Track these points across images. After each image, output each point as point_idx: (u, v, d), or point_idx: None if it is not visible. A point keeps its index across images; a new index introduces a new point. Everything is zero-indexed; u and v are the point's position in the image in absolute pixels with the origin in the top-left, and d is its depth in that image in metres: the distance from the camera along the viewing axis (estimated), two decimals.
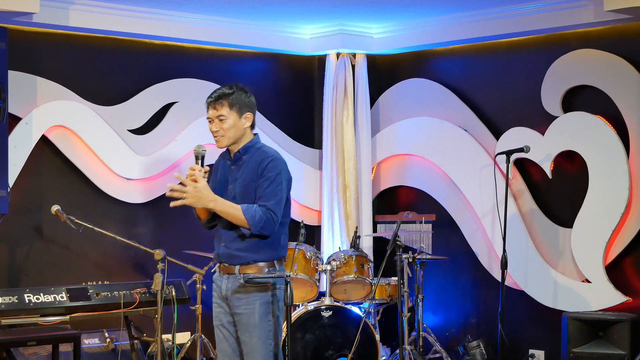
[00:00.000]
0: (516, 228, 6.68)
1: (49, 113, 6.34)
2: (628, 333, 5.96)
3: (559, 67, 6.51)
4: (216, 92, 4.39)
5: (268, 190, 4.28)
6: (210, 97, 4.39)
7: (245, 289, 4.26)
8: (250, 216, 4.22)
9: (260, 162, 4.33)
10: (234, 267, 4.29)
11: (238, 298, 4.28)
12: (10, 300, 5.29)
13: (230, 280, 4.31)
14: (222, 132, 4.36)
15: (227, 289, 4.32)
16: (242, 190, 4.31)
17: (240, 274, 4.28)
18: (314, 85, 7.73)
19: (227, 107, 4.36)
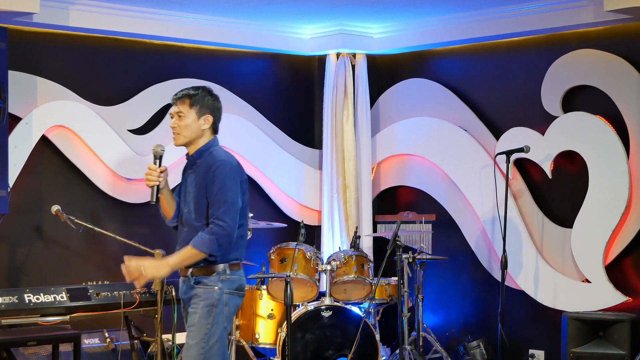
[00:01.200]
0: (516, 228, 6.68)
1: (49, 113, 6.34)
2: (628, 333, 5.96)
3: (559, 67, 6.51)
4: (182, 90, 4.36)
5: (217, 198, 4.18)
6: (175, 94, 4.35)
7: (195, 290, 4.24)
8: (202, 246, 4.14)
9: (209, 167, 4.23)
10: (187, 269, 4.26)
11: (189, 299, 4.28)
12: (10, 300, 5.29)
13: (185, 282, 4.30)
14: (178, 129, 4.31)
15: (183, 291, 4.32)
16: (195, 195, 4.27)
17: (192, 277, 4.24)
18: (314, 85, 7.73)
19: (187, 105, 4.29)
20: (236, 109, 7.26)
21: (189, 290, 4.27)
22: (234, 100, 7.26)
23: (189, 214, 4.28)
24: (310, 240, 7.21)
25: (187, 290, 4.28)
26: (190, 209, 4.28)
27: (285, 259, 6.34)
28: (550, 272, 6.54)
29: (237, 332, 6.42)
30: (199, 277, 4.23)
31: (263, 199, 7.43)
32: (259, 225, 6.56)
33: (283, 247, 6.41)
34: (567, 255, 6.50)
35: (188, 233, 4.26)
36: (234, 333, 6.36)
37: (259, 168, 7.35)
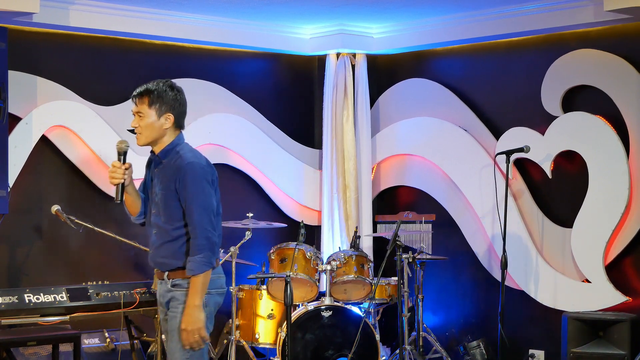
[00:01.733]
0: (516, 228, 6.68)
1: (49, 113, 6.34)
2: (628, 333, 5.96)
3: (559, 67, 6.51)
4: (141, 87, 4.12)
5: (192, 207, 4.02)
6: (134, 91, 4.13)
7: (173, 293, 4.10)
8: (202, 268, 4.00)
9: (177, 170, 4.06)
10: (163, 273, 4.14)
11: (167, 303, 4.15)
12: (10, 300, 5.29)
13: (163, 285, 4.16)
14: (139, 129, 4.11)
15: (161, 294, 4.18)
16: (163, 198, 4.10)
17: (169, 280, 4.11)
18: (314, 85, 7.73)
19: (147, 104, 4.07)
20: (236, 109, 7.26)
21: (166, 293, 4.14)
22: (234, 100, 7.25)
23: (157, 216, 4.13)
24: (310, 240, 7.21)
25: (165, 293, 4.15)
26: (158, 210, 4.13)
27: (285, 259, 6.34)
28: (550, 272, 6.54)
29: (237, 332, 6.42)
30: (176, 279, 4.10)
31: (263, 199, 7.43)
32: (259, 225, 6.56)
33: (283, 247, 6.41)
34: (567, 255, 6.50)
35: (159, 236, 4.13)
36: (233, 333, 6.36)
37: (259, 168, 7.35)
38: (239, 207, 7.06)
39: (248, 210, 6.72)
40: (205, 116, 7.08)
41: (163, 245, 4.12)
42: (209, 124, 7.09)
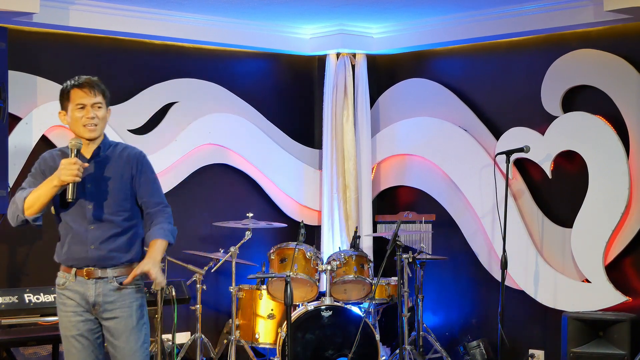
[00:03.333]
0: (516, 228, 6.68)
1: (49, 113, 6.33)
2: (628, 333, 5.96)
3: (559, 67, 6.51)
4: (88, 78, 4.06)
5: (155, 186, 4.10)
6: (82, 81, 4.05)
7: (120, 292, 3.99)
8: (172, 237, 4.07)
9: (130, 157, 4.06)
10: (105, 270, 3.99)
11: (112, 302, 3.99)
12: (10, 300, 5.29)
13: (100, 284, 3.98)
14: (96, 120, 3.99)
15: (97, 294, 3.97)
16: (112, 188, 4.00)
17: (113, 277, 3.98)
18: (314, 85, 7.73)
19: (102, 96, 4.05)
20: (236, 109, 7.26)
21: (110, 292, 3.99)
22: (234, 100, 7.26)
23: (97, 209, 3.98)
24: (310, 240, 7.21)
25: (108, 292, 3.99)
26: (99, 203, 3.99)
27: (285, 259, 6.34)
28: (550, 272, 6.54)
29: (237, 332, 6.42)
30: (123, 277, 4.00)
31: (263, 199, 7.43)
32: (259, 225, 6.57)
33: (283, 247, 6.41)
34: (567, 255, 6.50)
35: (104, 229, 3.98)
36: (233, 333, 6.36)
37: (259, 168, 7.35)
38: (239, 207, 7.07)
39: (248, 210, 6.72)
40: (205, 116, 7.08)
41: (111, 238, 4.00)
42: (209, 124, 7.09)
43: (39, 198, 3.93)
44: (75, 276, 4.01)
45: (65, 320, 4.03)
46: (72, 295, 4.01)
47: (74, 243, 4.03)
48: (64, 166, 3.86)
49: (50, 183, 3.90)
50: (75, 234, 4.02)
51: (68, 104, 4.05)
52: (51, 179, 3.90)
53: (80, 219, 4.01)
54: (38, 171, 4.07)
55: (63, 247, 4.08)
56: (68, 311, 4.01)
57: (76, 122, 4.02)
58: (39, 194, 3.92)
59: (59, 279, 4.08)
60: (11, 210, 4.02)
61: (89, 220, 4.00)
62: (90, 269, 4.00)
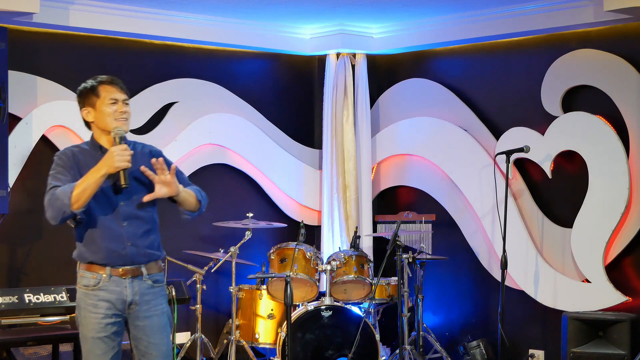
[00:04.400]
0: (516, 228, 6.68)
1: (49, 113, 6.34)
2: (628, 333, 5.96)
3: (559, 67, 6.51)
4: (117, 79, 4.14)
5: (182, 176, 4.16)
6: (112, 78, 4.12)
7: (154, 290, 4.00)
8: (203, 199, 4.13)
9: (154, 153, 4.10)
10: (140, 268, 3.97)
11: (147, 301, 3.99)
12: (10, 300, 5.29)
13: (136, 283, 3.96)
14: (127, 115, 4.03)
15: (134, 293, 3.95)
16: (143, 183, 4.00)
17: (147, 275, 3.98)
18: (314, 85, 7.73)
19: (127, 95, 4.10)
20: (236, 109, 7.26)
21: (145, 291, 3.98)
22: (234, 100, 7.26)
23: (128, 205, 3.97)
24: (310, 240, 7.21)
25: (144, 291, 3.98)
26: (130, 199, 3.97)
27: (285, 259, 6.34)
28: (550, 272, 6.54)
29: (237, 332, 6.42)
30: (155, 274, 4.03)
31: (263, 199, 7.43)
32: (259, 225, 6.57)
33: (283, 247, 6.41)
34: (567, 255, 6.50)
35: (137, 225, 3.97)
36: (233, 333, 6.36)
37: (259, 168, 7.35)
38: (239, 207, 7.07)
39: (248, 210, 6.72)
40: (205, 116, 7.08)
41: (144, 234, 4.00)
42: (209, 124, 7.09)
43: (86, 190, 3.82)
44: (110, 276, 3.94)
45: (93, 322, 3.94)
46: (107, 296, 3.94)
47: (109, 241, 3.94)
48: (117, 153, 3.83)
49: (98, 173, 3.84)
50: (109, 231, 3.94)
51: (96, 99, 4.05)
52: (97, 170, 3.84)
53: (112, 216, 3.95)
54: (67, 166, 4.00)
55: (93, 246, 3.96)
56: (99, 313, 3.93)
57: (107, 117, 4.01)
58: (86, 185, 3.83)
59: (87, 280, 3.97)
60: (55, 208, 3.89)
61: (122, 216, 3.96)
62: (127, 267, 3.95)
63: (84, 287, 3.98)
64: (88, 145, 4.06)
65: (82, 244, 3.99)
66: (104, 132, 4.03)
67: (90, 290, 3.95)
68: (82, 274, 3.99)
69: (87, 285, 3.97)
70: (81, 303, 3.99)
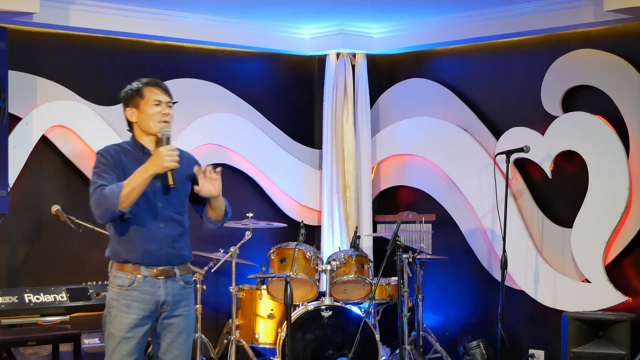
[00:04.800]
0: (516, 228, 6.68)
1: (49, 113, 6.34)
2: (628, 333, 5.96)
3: (559, 67, 6.51)
4: (162, 82, 4.21)
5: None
6: (156, 80, 4.18)
7: (185, 290, 4.06)
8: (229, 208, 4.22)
9: (191, 159, 4.18)
10: (173, 268, 4.03)
11: (178, 302, 4.04)
12: (10, 300, 5.30)
13: (169, 283, 4.01)
14: (170, 117, 4.12)
15: (167, 294, 4.00)
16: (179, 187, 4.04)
17: (179, 276, 4.04)
18: (314, 85, 7.73)
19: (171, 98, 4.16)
20: (236, 109, 7.26)
21: (178, 291, 4.04)
22: (234, 100, 7.26)
23: (166, 208, 4.02)
24: (310, 240, 7.20)
25: (177, 292, 4.04)
26: (168, 202, 4.03)
27: (285, 259, 6.33)
28: (550, 272, 6.54)
29: (237, 332, 6.42)
30: (186, 275, 4.09)
31: (263, 199, 7.43)
32: (259, 225, 6.57)
33: (283, 247, 6.41)
34: (567, 255, 6.50)
35: (173, 228, 4.03)
36: (233, 333, 6.36)
37: (259, 168, 7.35)
38: (239, 207, 7.04)
39: (248, 210, 6.72)
40: (205, 116, 7.08)
41: (179, 237, 4.06)
42: (209, 124, 7.09)
43: (135, 190, 3.86)
44: (144, 276, 3.98)
45: (124, 322, 3.95)
46: (141, 297, 3.97)
47: (147, 241, 3.98)
48: (166, 153, 3.88)
49: (146, 173, 3.87)
50: (146, 231, 3.98)
51: (140, 101, 4.10)
52: (145, 170, 3.87)
53: (150, 216, 3.99)
54: (111, 165, 4.00)
55: (129, 245, 3.99)
56: (131, 314, 3.95)
57: (151, 118, 4.06)
58: (134, 185, 3.86)
59: (121, 280, 3.99)
60: (103, 207, 3.89)
61: (160, 218, 4.00)
62: (162, 268, 4.00)
63: (118, 287, 4.00)
64: (129, 145, 4.10)
65: (118, 242, 4.02)
66: (145, 133, 4.09)
67: (124, 290, 3.98)
68: (116, 274, 4.02)
69: (121, 286, 3.99)
70: (113, 302, 4.00)
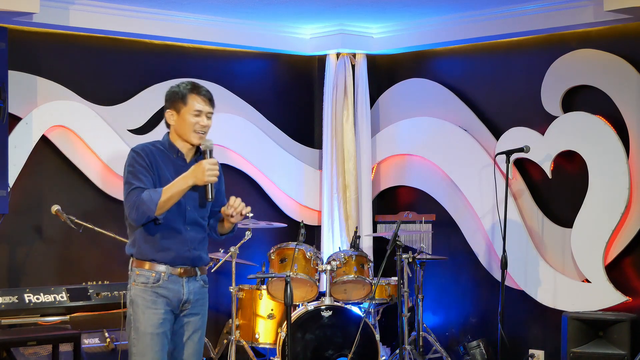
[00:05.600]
0: (516, 228, 6.68)
1: (49, 113, 6.35)
2: (628, 333, 5.96)
3: (559, 67, 6.51)
4: (205, 88, 4.16)
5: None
6: (202, 89, 4.14)
7: (203, 290, 4.21)
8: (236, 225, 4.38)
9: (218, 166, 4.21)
10: (195, 269, 4.16)
11: (197, 300, 4.17)
12: (10, 300, 5.30)
13: (191, 283, 4.14)
14: (207, 129, 4.13)
15: (189, 292, 4.13)
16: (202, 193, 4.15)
17: (200, 276, 4.18)
18: (314, 85, 7.73)
19: (213, 109, 4.18)
20: (236, 109, 7.26)
21: (197, 290, 4.17)
22: (234, 100, 7.26)
23: (193, 212, 4.14)
24: (310, 240, 7.20)
25: (197, 290, 4.17)
26: (196, 206, 4.15)
27: (285, 259, 6.34)
28: (550, 272, 6.54)
29: (237, 332, 6.42)
30: (204, 275, 4.23)
31: (263, 199, 7.43)
32: (259, 225, 6.56)
33: (283, 247, 6.41)
34: (567, 255, 6.50)
35: (197, 231, 4.16)
36: (233, 333, 6.36)
37: (259, 168, 7.35)
38: None
39: None
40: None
41: (202, 240, 4.19)
42: None
43: (172, 198, 3.98)
44: (169, 275, 4.08)
45: (154, 318, 4.04)
46: (166, 293, 4.07)
47: (175, 243, 4.09)
48: (207, 167, 3.97)
49: (185, 183, 3.97)
50: (175, 233, 4.08)
51: (182, 106, 4.09)
52: (186, 179, 3.97)
53: (179, 219, 4.09)
54: (147, 166, 4.05)
55: (158, 245, 4.07)
56: (159, 309, 4.05)
57: (188, 126, 4.08)
58: (173, 194, 3.96)
59: (146, 278, 4.07)
60: (140, 212, 3.97)
61: (187, 221, 4.11)
62: (185, 267, 4.11)
63: (142, 284, 4.08)
64: (164, 146, 4.14)
65: (145, 241, 4.09)
66: (180, 137, 4.13)
67: (149, 287, 4.06)
68: (139, 272, 4.09)
69: (146, 283, 4.07)
70: (138, 300, 4.07)
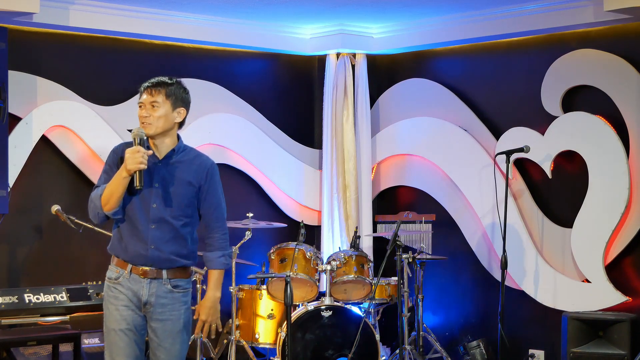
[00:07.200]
0: (516, 228, 6.68)
1: (49, 113, 6.34)
2: (628, 333, 5.96)
3: (559, 67, 6.51)
4: (155, 79, 4.20)
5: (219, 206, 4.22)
6: (147, 83, 4.18)
7: (172, 294, 4.06)
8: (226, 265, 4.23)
9: (202, 166, 4.14)
10: (161, 271, 4.04)
11: (163, 304, 4.04)
12: (10, 300, 5.30)
13: (154, 285, 4.03)
14: (151, 119, 4.06)
15: (150, 294, 4.02)
16: (179, 192, 4.06)
17: (167, 279, 4.05)
18: (314, 85, 7.73)
19: (163, 95, 4.13)
20: (236, 109, 7.26)
21: (163, 294, 4.04)
22: (234, 100, 7.26)
23: (160, 210, 4.03)
24: (310, 240, 7.20)
25: (162, 294, 4.04)
26: (163, 204, 4.04)
27: (285, 259, 6.34)
28: (550, 272, 6.54)
29: (237, 332, 6.42)
30: (176, 280, 4.08)
31: (263, 199, 7.43)
32: (259, 225, 6.56)
33: (283, 247, 6.41)
34: (567, 255, 6.50)
35: (164, 230, 4.03)
36: (233, 333, 6.36)
37: (259, 168, 7.35)
38: (239, 207, 7.06)
39: (248, 210, 6.72)
40: (205, 116, 7.08)
41: (170, 240, 4.07)
42: (209, 124, 7.09)
43: (113, 192, 3.97)
44: (130, 273, 4.06)
45: (115, 314, 4.04)
46: (125, 291, 4.05)
47: (134, 240, 4.06)
48: (128, 155, 3.92)
49: (119, 175, 3.96)
50: (136, 231, 4.06)
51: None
52: (120, 171, 3.96)
53: (143, 216, 4.05)
54: (110, 164, 4.11)
55: (121, 242, 4.10)
56: (119, 305, 4.04)
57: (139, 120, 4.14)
58: (112, 188, 3.97)
59: (111, 273, 4.12)
60: (91, 210, 4.07)
61: (151, 219, 4.05)
62: (147, 268, 4.05)
63: (108, 279, 4.13)
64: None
65: (115, 238, 4.16)
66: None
67: (111, 282, 4.10)
68: (110, 267, 4.15)
69: (110, 278, 4.12)
70: (105, 295, 4.13)
